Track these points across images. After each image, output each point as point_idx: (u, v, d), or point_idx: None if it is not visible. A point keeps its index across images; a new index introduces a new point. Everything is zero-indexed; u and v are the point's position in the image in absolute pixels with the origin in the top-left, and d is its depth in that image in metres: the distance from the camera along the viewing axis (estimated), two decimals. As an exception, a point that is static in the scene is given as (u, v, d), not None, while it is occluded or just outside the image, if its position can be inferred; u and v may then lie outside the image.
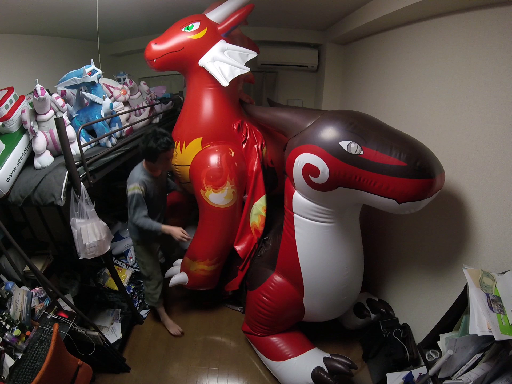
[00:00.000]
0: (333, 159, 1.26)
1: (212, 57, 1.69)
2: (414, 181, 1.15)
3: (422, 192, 1.17)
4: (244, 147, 1.95)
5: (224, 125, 1.88)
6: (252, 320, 1.84)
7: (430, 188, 1.16)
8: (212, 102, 1.82)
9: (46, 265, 1.72)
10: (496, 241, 1.16)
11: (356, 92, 2.50)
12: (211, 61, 1.68)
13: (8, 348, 1.20)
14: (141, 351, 1.98)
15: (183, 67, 1.80)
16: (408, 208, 1.22)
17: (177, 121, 1.99)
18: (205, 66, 1.68)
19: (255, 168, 1.93)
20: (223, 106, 1.86)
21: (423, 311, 1.59)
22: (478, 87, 1.23)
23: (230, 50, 1.73)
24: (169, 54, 1.68)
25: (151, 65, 1.73)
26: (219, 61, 1.68)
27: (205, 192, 1.82)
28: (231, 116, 1.91)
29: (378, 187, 1.21)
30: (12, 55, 1.98)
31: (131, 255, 2.40)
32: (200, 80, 1.79)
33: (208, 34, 1.71)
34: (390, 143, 1.20)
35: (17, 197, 1.39)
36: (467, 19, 1.28)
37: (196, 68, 1.74)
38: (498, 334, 0.88)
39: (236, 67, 1.67)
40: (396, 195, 1.19)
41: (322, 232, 1.52)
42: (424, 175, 1.14)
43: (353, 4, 1.90)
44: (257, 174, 1.94)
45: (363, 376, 1.79)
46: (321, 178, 1.31)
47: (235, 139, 1.92)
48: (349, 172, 1.26)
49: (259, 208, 1.96)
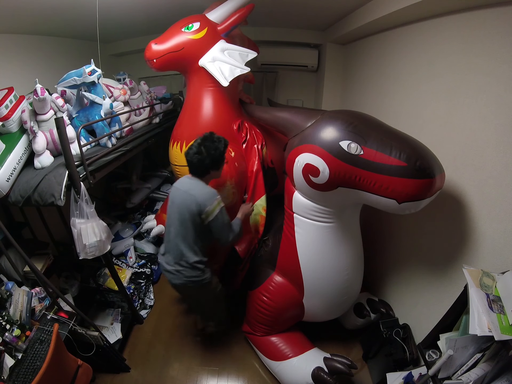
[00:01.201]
0: (333, 159, 1.26)
1: (212, 57, 1.69)
2: (414, 181, 1.15)
3: (422, 192, 1.17)
4: (244, 147, 1.95)
5: (224, 125, 1.87)
6: (252, 320, 1.84)
7: (430, 188, 1.16)
8: (212, 102, 1.82)
9: (46, 265, 1.71)
10: (496, 241, 1.16)
11: (356, 92, 2.50)
12: (211, 61, 1.68)
13: (8, 348, 1.20)
14: (141, 351, 1.98)
15: (183, 67, 1.80)
16: (408, 208, 1.22)
17: (177, 121, 1.99)
18: (205, 66, 1.68)
19: (255, 168, 1.93)
20: (223, 106, 1.86)
21: (423, 311, 1.59)
22: (478, 87, 1.23)
23: (230, 50, 1.73)
24: (169, 54, 1.68)
25: (151, 65, 1.73)
26: (219, 61, 1.68)
27: None
28: (231, 116, 1.91)
29: (378, 187, 1.22)
30: (12, 55, 1.98)
31: (131, 255, 2.40)
32: (200, 80, 1.79)
33: (208, 34, 1.71)
34: (390, 143, 1.20)
35: (17, 197, 1.39)
36: (467, 19, 1.28)
37: (196, 68, 1.74)
38: (498, 334, 0.87)
39: (236, 67, 1.66)
40: (396, 195, 1.19)
41: (322, 232, 1.52)
42: (424, 175, 1.14)
43: (353, 4, 1.90)
44: (257, 174, 1.93)
45: (363, 376, 1.79)
46: (321, 178, 1.31)
47: (235, 139, 1.92)
48: (349, 172, 1.26)
49: (259, 208, 1.96)
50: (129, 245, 2.42)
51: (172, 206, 1.53)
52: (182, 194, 1.49)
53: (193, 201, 1.43)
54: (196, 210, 1.43)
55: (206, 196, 1.44)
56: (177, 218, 1.49)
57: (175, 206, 1.51)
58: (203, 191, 1.47)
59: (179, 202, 1.49)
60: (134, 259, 2.39)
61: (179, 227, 1.49)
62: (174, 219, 1.51)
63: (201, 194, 1.45)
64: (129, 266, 2.33)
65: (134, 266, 2.35)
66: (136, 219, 2.85)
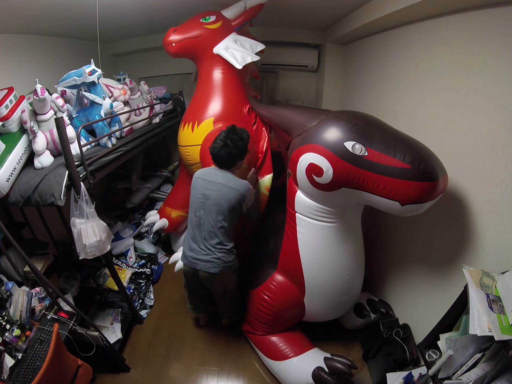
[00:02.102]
0: (337, 159, 1.26)
1: (226, 45, 1.86)
2: (417, 184, 1.15)
3: (425, 195, 1.17)
4: (254, 128, 2.00)
5: (235, 107, 1.97)
6: (253, 319, 1.84)
7: (433, 191, 1.17)
8: (224, 84, 1.93)
9: (46, 265, 1.71)
10: (496, 241, 1.16)
11: (356, 92, 2.50)
12: (225, 48, 1.85)
13: (8, 348, 1.20)
14: (141, 351, 1.98)
15: (198, 54, 1.93)
16: (410, 210, 1.22)
17: (189, 105, 2.07)
18: (220, 53, 1.84)
19: (265, 146, 2.00)
20: (235, 89, 1.97)
21: (423, 311, 1.59)
22: (478, 87, 1.23)
23: (241, 40, 1.93)
24: (187, 39, 1.84)
25: (169, 49, 1.86)
26: (232, 49, 1.85)
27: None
28: (242, 99, 2.02)
29: (381, 188, 1.22)
30: (12, 55, 1.98)
31: (131, 255, 2.40)
32: (213, 65, 1.92)
33: (223, 26, 1.89)
34: (395, 145, 1.20)
35: (17, 197, 1.39)
36: (467, 19, 1.28)
37: (210, 55, 1.88)
38: (498, 334, 0.87)
39: (248, 55, 1.83)
40: (399, 197, 1.19)
41: (324, 232, 1.52)
42: (427, 178, 1.15)
43: (353, 4, 1.90)
44: (267, 151, 2.00)
45: (363, 376, 1.79)
46: (324, 178, 1.31)
47: (245, 120, 1.98)
48: (353, 173, 1.26)
49: (262, 186, 1.99)
50: (129, 245, 2.42)
51: (202, 197, 1.59)
52: (220, 187, 1.57)
53: (233, 193, 1.55)
54: (236, 201, 1.56)
55: (245, 188, 1.60)
56: (214, 210, 1.57)
57: (212, 198, 1.57)
58: (240, 183, 1.59)
59: (217, 194, 1.57)
60: (134, 259, 2.39)
61: (217, 217, 1.57)
62: (209, 210, 1.58)
63: (241, 187, 1.58)
64: (129, 266, 2.33)
65: (134, 266, 2.35)
66: (136, 219, 2.85)
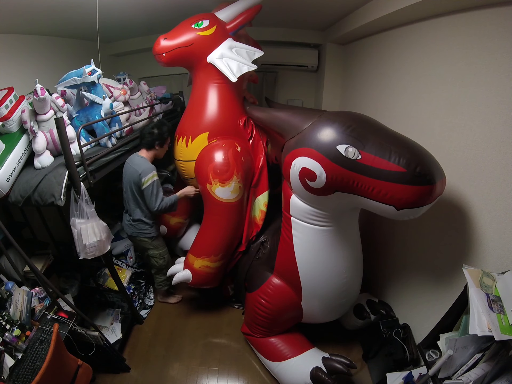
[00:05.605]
0: (330, 163, 1.22)
1: (220, 54, 1.72)
2: (413, 188, 1.10)
3: (421, 199, 1.13)
4: (251, 143, 1.96)
5: (231, 121, 1.90)
6: (251, 322, 1.84)
7: (430, 195, 1.12)
8: (218, 97, 1.84)
9: (46, 265, 1.72)
10: (496, 241, 1.16)
11: (356, 92, 2.50)
12: (219, 57, 1.71)
13: (8, 348, 1.20)
14: (141, 351, 1.98)
15: (191, 63, 1.82)
16: (407, 214, 1.18)
17: (182, 117, 2.01)
18: (214, 62, 1.71)
19: (261, 163, 1.96)
20: (230, 102, 1.88)
21: (423, 311, 1.59)
22: (478, 87, 1.23)
23: (238, 48, 1.77)
24: (178, 49, 1.71)
25: (159, 59, 1.75)
26: (227, 58, 1.71)
27: (212, 187, 1.83)
28: (237, 112, 1.93)
29: (376, 193, 1.17)
30: (12, 55, 1.98)
31: (131, 255, 2.40)
32: (207, 76, 1.81)
33: (217, 32, 1.74)
34: (389, 147, 1.15)
35: (17, 197, 1.39)
36: (467, 19, 1.28)
37: (204, 64, 1.76)
38: (498, 334, 0.87)
39: (244, 64, 1.70)
40: (395, 201, 1.14)
41: (320, 236, 1.49)
42: (424, 181, 1.10)
43: (353, 4, 1.90)
44: (262, 170, 1.96)
45: (363, 376, 1.79)
46: (318, 183, 1.28)
47: (241, 134, 1.94)
48: (347, 177, 1.21)
49: (261, 203, 1.98)
50: (129, 245, 2.42)
51: (124, 177, 1.91)
52: (129, 167, 1.85)
53: (135, 173, 1.80)
54: (137, 180, 1.80)
55: (143, 169, 1.79)
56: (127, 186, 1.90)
57: (125, 177, 1.90)
58: (141, 164, 1.81)
59: (127, 173, 1.87)
60: (134, 259, 2.39)
61: (129, 192, 1.90)
62: (125, 186, 1.91)
63: (138, 167, 1.80)
64: (129, 266, 2.33)
65: (134, 266, 2.35)
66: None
